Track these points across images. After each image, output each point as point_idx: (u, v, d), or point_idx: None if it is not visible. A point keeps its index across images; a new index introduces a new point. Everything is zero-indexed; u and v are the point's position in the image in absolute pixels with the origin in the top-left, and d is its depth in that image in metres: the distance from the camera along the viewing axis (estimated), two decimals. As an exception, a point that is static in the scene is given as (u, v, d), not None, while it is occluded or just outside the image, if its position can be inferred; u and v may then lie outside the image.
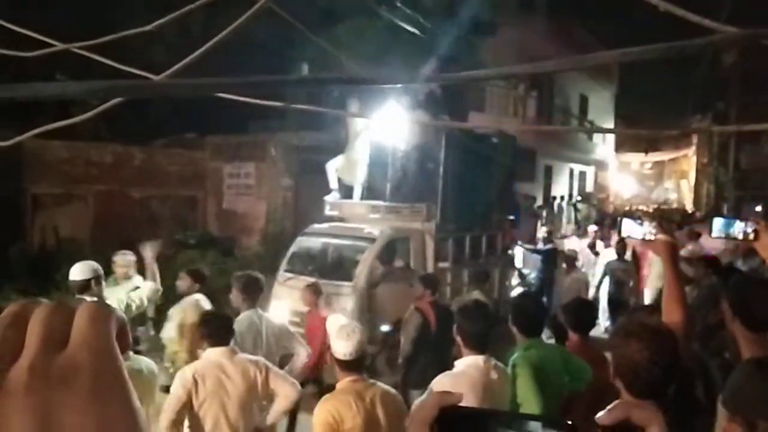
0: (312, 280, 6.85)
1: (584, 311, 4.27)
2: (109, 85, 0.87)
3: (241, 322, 4.46)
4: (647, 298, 9.39)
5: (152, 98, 12.78)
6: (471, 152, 9.23)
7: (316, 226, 8.59)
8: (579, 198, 22.51)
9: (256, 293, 4.75)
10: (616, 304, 8.98)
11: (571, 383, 3.50)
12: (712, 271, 6.28)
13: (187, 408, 3.40)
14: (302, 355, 4.67)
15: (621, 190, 35.12)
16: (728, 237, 2.74)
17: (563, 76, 22.08)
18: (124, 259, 5.61)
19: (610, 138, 31.33)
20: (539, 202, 20.26)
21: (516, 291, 9.77)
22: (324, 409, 2.99)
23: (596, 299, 9.16)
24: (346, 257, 7.95)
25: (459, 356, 3.40)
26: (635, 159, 39.60)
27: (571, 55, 1.08)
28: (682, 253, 7.57)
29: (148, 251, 5.07)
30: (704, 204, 32.03)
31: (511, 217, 11.59)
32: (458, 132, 8.85)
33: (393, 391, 3.21)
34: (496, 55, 15.18)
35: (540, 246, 11.05)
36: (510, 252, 10.85)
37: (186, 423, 3.44)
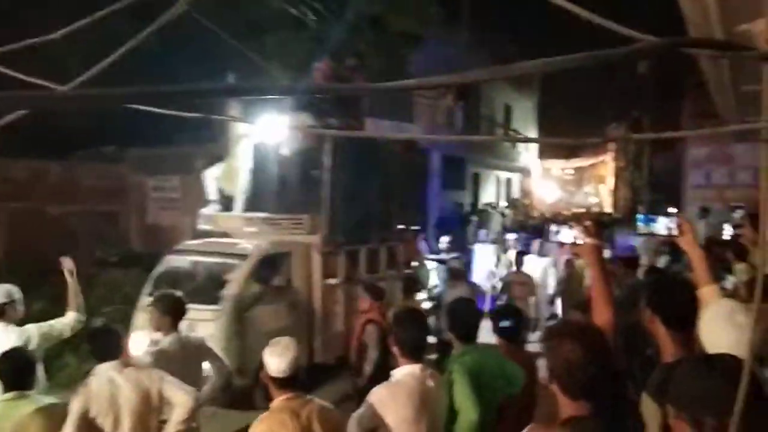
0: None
1: (506, 316, 4.24)
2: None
3: (168, 350, 4.17)
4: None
5: (57, 111, 12.18)
6: (363, 158, 8.28)
7: (188, 242, 7.85)
8: (506, 204, 23.06)
9: (180, 315, 4.45)
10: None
11: (507, 387, 3.54)
12: (633, 271, 6.56)
13: (84, 424, 3.28)
14: (223, 370, 4.51)
15: (544, 195, 36.27)
16: (652, 234, 2.85)
17: (489, 87, 22.65)
18: None
19: (534, 146, 32.41)
20: (467, 208, 20.64)
21: (425, 305, 8.93)
22: (258, 430, 2.90)
23: None
24: (216, 277, 7.05)
25: (395, 366, 3.38)
26: (556, 165, 41.01)
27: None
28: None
29: (68, 272, 4.63)
30: (622, 206, 33.60)
31: (416, 227, 10.80)
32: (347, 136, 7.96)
33: (330, 406, 3.14)
34: (421, 68, 15.36)
35: (443, 256, 10.36)
36: (414, 265, 9.81)
37: None
